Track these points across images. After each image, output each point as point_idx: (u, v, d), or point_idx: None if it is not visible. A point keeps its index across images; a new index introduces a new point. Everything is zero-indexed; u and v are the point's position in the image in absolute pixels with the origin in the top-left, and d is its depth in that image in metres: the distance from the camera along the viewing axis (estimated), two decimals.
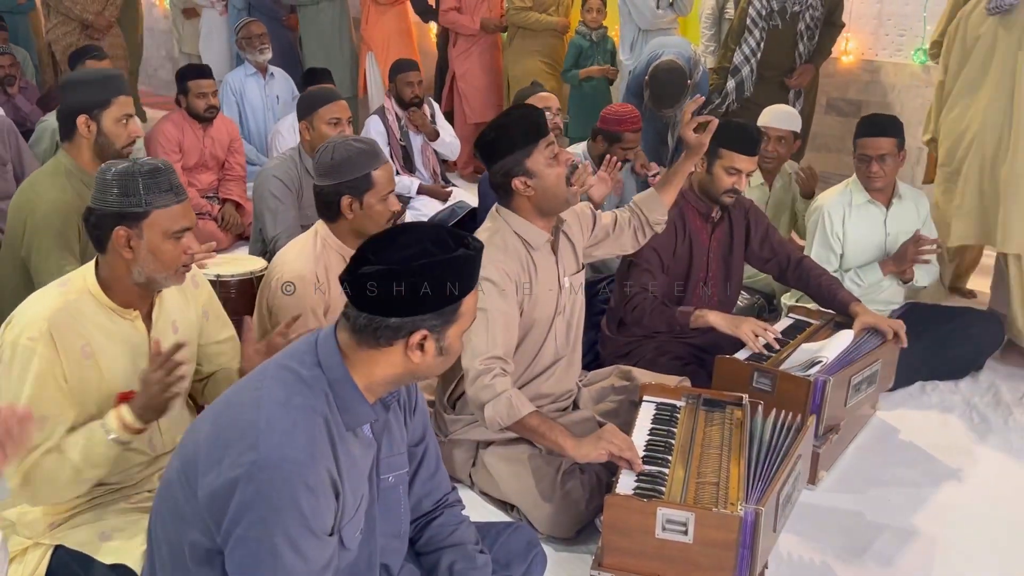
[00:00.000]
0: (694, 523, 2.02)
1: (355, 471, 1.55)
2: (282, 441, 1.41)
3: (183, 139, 4.67)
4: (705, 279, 3.28)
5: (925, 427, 3.25)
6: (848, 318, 3.15)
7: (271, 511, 1.38)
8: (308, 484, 1.41)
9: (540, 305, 2.55)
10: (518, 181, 2.45)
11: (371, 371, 1.53)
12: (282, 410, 1.45)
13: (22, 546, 2.06)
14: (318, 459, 1.43)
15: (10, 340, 1.93)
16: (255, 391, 1.50)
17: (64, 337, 1.93)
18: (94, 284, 2.01)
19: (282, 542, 1.39)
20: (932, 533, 2.62)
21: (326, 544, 1.46)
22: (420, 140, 5.36)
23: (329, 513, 1.47)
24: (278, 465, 1.39)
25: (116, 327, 2.03)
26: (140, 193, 1.94)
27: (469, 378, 2.37)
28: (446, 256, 1.48)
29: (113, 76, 2.76)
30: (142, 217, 1.95)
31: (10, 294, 2.76)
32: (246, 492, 1.39)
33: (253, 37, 5.70)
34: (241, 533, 1.40)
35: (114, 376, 2.03)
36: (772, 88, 4.84)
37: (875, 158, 3.43)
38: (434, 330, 1.51)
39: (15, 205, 2.69)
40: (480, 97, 6.52)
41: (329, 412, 1.49)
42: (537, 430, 2.33)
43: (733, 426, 2.42)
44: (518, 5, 6.10)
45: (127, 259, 1.98)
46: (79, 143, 2.68)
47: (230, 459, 1.42)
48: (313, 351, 1.53)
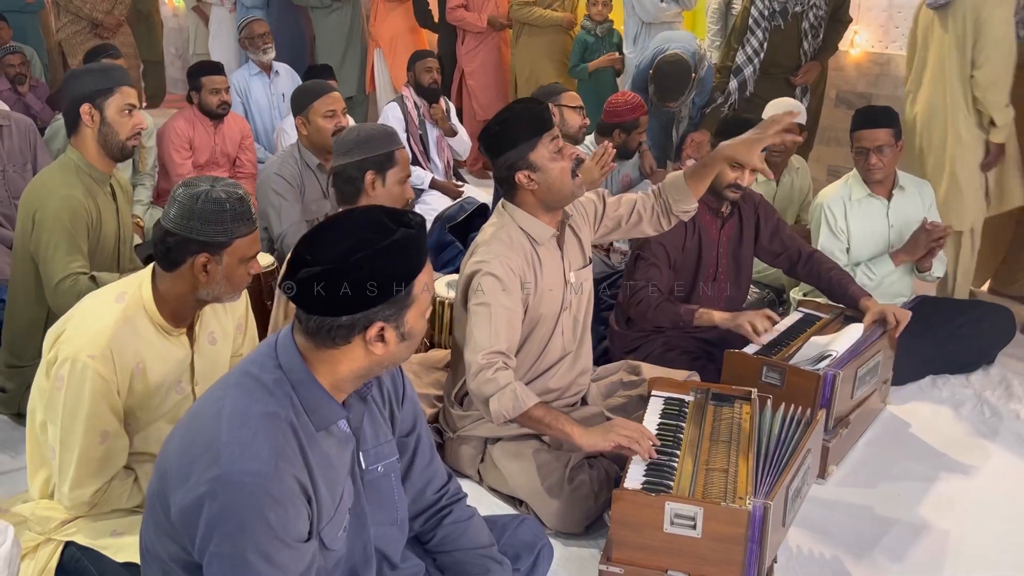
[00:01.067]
0: (702, 517, 2.02)
1: (331, 470, 1.53)
2: (244, 454, 1.39)
3: (194, 136, 4.68)
4: (715, 274, 3.28)
5: (936, 421, 3.24)
6: (859, 312, 3.14)
7: (238, 527, 1.37)
8: (273, 496, 1.38)
9: (545, 301, 2.54)
10: (522, 175, 2.45)
11: (334, 370, 1.50)
12: (242, 420, 1.42)
13: (34, 542, 2.08)
14: (282, 468, 1.40)
15: (70, 355, 1.96)
16: (218, 402, 1.47)
17: (122, 355, 1.98)
18: (150, 300, 2.04)
19: (254, 557, 1.37)
20: (943, 527, 2.61)
21: (301, 551, 1.44)
22: (437, 131, 5.37)
23: (300, 520, 1.44)
24: (240, 480, 1.37)
25: (164, 344, 2.08)
26: (228, 224, 1.97)
27: (471, 373, 2.35)
28: (386, 242, 1.42)
29: (115, 67, 2.77)
30: (226, 246, 1.98)
31: (22, 291, 2.78)
32: (212, 509, 1.38)
33: (256, 37, 5.69)
34: (214, 550, 1.38)
35: (159, 389, 2.08)
36: (778, 85, 4.80)
37: (873, 150, 3.43)
38: (390, 319, 1.47)
39: (24, 201, 2.70)
40: (489, 94, 6.52)
41: (295, 416, 1.46)
42: (543, 420, 2.31)
43: (742, 420, 2.41)
44: (520, 1, 6.08)
45: (200, 281, 2.01)
46: (84, 135, 2.68)
47: (195, 476, 1.40)
48: (273, 354, 1.50)
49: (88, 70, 2.71)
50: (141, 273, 2.09)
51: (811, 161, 5.47)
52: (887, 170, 3.49)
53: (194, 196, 1.96)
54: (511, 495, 2.60)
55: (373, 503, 1.67)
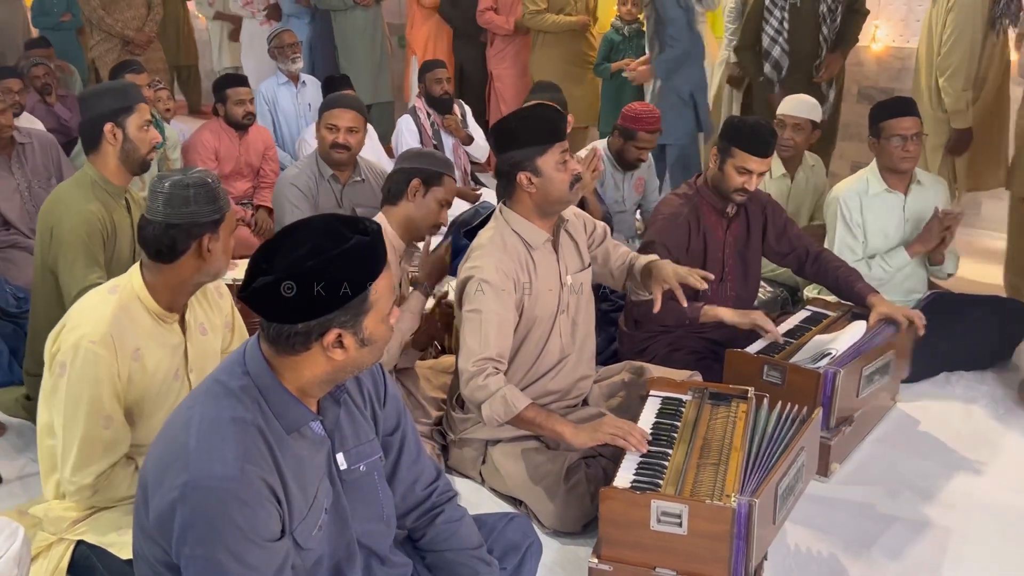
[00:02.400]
0: (688, 515, 2.05)
1: (303, 471, 1.58)
2: (211, 458, 1.45)
3: (219, 147, 4.80)
4: (722, 274, 3.29)
5: (947, 418, 3.21)
6: (866, 310, 3.14)
7: (208, 529, 1.43)
8: (240, 498, 1.44)
9: (541, 303, 2.59)
10: (523, 176, 2.49)
11: (298, 375, 1.54)
12: (211, 427, 1.48)
13: (47, 542, 2.18)
14: (249, 471, 1.46)
15: (72, 343, 2.06)
16: (188, 410, 1.54)
17: (121, 341, 2.08)
18: (142, 288, 2.14)
19: (225, 557, 1.44)
20: (945, 525, 2.60)
21: (272, 550, 1.49)
22: (452, 140, 5.44)
23: (271, 520, 1.49)
24: (208, 485, 1.44)
25: (159, 331, 2.17)
26: (220, 199, 2.12)
27: (463, 380, 2.43)
28: (339, 249, 1.45)
29: (131, 85, 2.89)
30: (221, 221, 2.13)
31: (43, 302, 2.89)
32: (184, 513, 1.44)
33: (285, 47, 5.81)
34: (188, 552, 1.45)
35: (157, 377, 2.17)
36: (801, 78, 4.75)
37: (909, 138, 3.41)
38: (346, 326, 1.50)
39: (43, 216, 2.81)
40: (517, 97, 6.55)
41: (263, 420, 1.52)
42: (534, 421, 2.38)
43: (737, 419, 2.43)
44: (532, 9, 6.10)
45: (205, 261, 2.13)
46: (105, 152, 2.78)
47: (168, 482, 1.47)
48: (242, 362, 1.56)
49: (105, 90, 2.81)
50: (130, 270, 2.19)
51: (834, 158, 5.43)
52: (917, 160, 3.50)
53: (183, 184, 2.08)
54: (510, 495, 2.65)
55: (357, 501, 1.72)
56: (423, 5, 6.85)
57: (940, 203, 3.58)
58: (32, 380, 3.02)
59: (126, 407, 2.14)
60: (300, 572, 1.59)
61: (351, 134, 3.62)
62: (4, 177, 4.02)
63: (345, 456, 1.69)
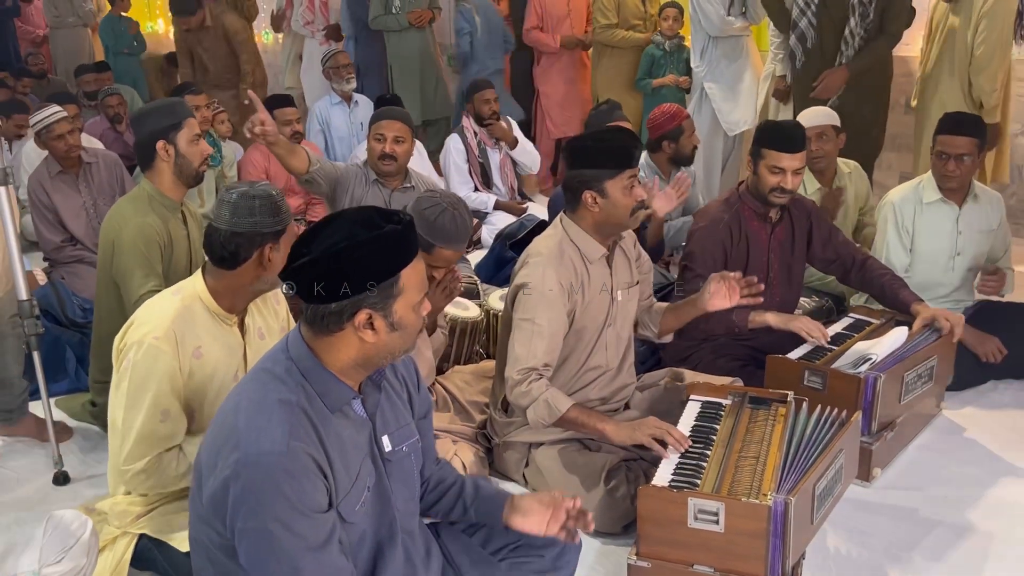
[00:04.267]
0: (724, 513, 2.09)
1: (346, 450, 1.67)
2: (259, 437, 1.55)
3: (269, 166, 4.96)
4: (767, 279, 3.31)
5: (992, 425, 3.20)
6: (911, 317, 3.14)
7: (259, 502, 1.54)
8: (288, 471, 1.54)
9: (591, 313, 2.66)
10: (589, 195, 2.57)
11: (336, 357, 1.64)
12: (258, 408, 1.59)
13: (112, 535, 2.30)
14: (296, 447, 1.55)
15: (136, 339, 2.21)
16: (236, 396, 1.66)
17: (183, 338, 2.22)
18: (204, 291, 2.29)
19: (275, 527, 1.54)
20: (988, 530, 2.60)
21: (320, 521, 1.59)
22: (498, 157, 5.55)
23: (318, 493, 1.58)
24: (257, 460, 1.54)
25: (220, 332, 2.31)
26: (283, 213, 2.25)
27: (508, 387, 2.54)
28: (371, 235, 1.56)
29: (178, 102, 3.04)
30: (283, 232, 2.26)
31: (106, 312, 3.03)
32: (236, 489, 1.55)
33: (340, 68, 5.99)
34: (241, 526, 1.56)
35: (216, 376, 2.30)
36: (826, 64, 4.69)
37: (954, 157, 3.40)
38: (376, 307, 1.59)
39: (104, 231, 2.97)
40: (563, 113, 6.66)
41: (307, 401, 1.62)
42: (577, 420, 2.48)
43: (776, 422, 2.47)
44: (603, 23, 6.15)
45: (265, 269, 2.26)
46: (160, 168, 2.93)
47: (221, 462, 1.58)
48: (285, 349, 1.67)
49: (155, 109, 2.96)
50: (194, 274, 2.33)
51: (882, 168, 5.41)
52: (963, 179, 3.46)
53: (250, 196, 2.22)
54: None
55: (398, 482, 1.82)
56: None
57: (995, 219, 3.56)
58: (97, 386, 3.17)
59: (184, 402, 2.26)
60: (345, 548, 1.67)
61: (397, 144, 3.72)
62: (71, 195, 4.23)
63: (389, 438, 1.79)
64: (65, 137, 4.17)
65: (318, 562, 1.58)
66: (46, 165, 4.26)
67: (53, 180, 4.22)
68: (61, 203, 4.21)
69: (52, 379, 3.43)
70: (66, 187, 4.24)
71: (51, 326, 3.66)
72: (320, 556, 1.58)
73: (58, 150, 4.20)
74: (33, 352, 2.98)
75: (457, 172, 5.44)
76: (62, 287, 3.98)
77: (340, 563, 1.62)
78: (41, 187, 4.21)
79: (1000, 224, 3.59)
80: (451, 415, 2.99)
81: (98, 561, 2.19)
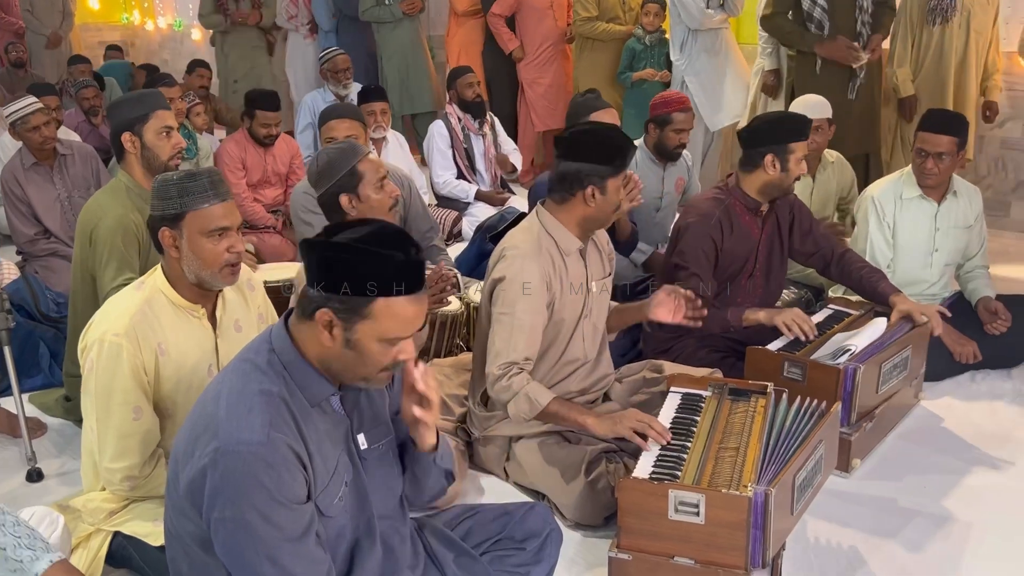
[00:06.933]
0: (704, 504, 2.09)
1: (325, 444, 1.66)
2: (239, 426, 1.54)
3: (246, 157, 4.90)
4: (752, 271, 3.31)
5: (971, 415, 3.22)
6: (889, 309, 3.15)
7: (237, 491, 1.53)
8: (267, 461, 1.53)
9: (568, 305, 2.64)
10: (591, 189, 2.54)
11: (311, 348, 1.63)
12: (238, 398, 1.58)
13: (86, 532, 2.27)
14: (275, 437, 1.55)
15: (96, 338, 2.16)
16: (218, 385, 1.64)
17: (144, 334, 2.17)
18: (164, 282, 2.23)
19: (253, 516, 1.53)
20: (967, 519, 2.61)
21: (298, 512, 1.58)
22: (483, 144, 5.53)
23: (297, 484, 1.58)
24: (236, 449, 1.53)
25: (186, 325, 2.24)
26: (175, 196, 2.15)
27: (489, 382, 2.53)
28: (372, 248, 1.54)
29: (150, 93, 2.99)
30: (179, 218, 2.15)
31: (82, 305, 2.99)
32: (214, 478, 1.54)
33: (339, 71, 5.91)
34: (218, 515, 1.55)
35: (184, 371, 2.24)
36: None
37: (933, 155, 3.39)
38: (339, 315, 1.57)
39: (81, 222, 2.93)
40: (546, 106, 6.64)
41: (288, 393, 1.61)
42: (559, 413, 2.47)
43: (756, 413, 2.46)
44: (583, 16, 6.16)
45: (175, 258, 2.19)
46: (130, 160, 2.90)
47: (199, 451, 1.57)
48: (268, 340, 1.66)
49: (126, 100, 2.93)
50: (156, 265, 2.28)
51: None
52: (941, 177, 3.46)
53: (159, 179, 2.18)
54: (534, 489, 2.70)
55: (377, 478, 1.80)
56: (456, 12, 6.96)
57: (972, 216, 3.57)
58: (71, 381, 3.13)
59: (157, 401, 2.22)
60: (322, 541, 1.65)
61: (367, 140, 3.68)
62: (46, 187, 4.17)
63: (365, 436, 1.77)
64: (40, 129, 4.11)
65: (296, 553, 1.56)
66: (20, 157, 4.20)
67: (27, 172, 4.17)
68: (35, 195, 4.16)
69: (26, 374, 3.39)
70: (40, 179, 4.18)
71: (24, 321, 3.60)
72: (298, 547, 1.57)
73: (33, 142, 4.14)
74: (3, 347, 2.94)
75: (440, 157, 5.42)
76: (36, 281, 3.92)
77: (318, 555, 1.61)
78: (15, 179, 4.16)
79: (977, 219, 3.60)
80: None
81: (71, 559, 2.15)
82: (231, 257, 2.19)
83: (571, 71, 6.66)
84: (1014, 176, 5.46)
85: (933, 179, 3.44)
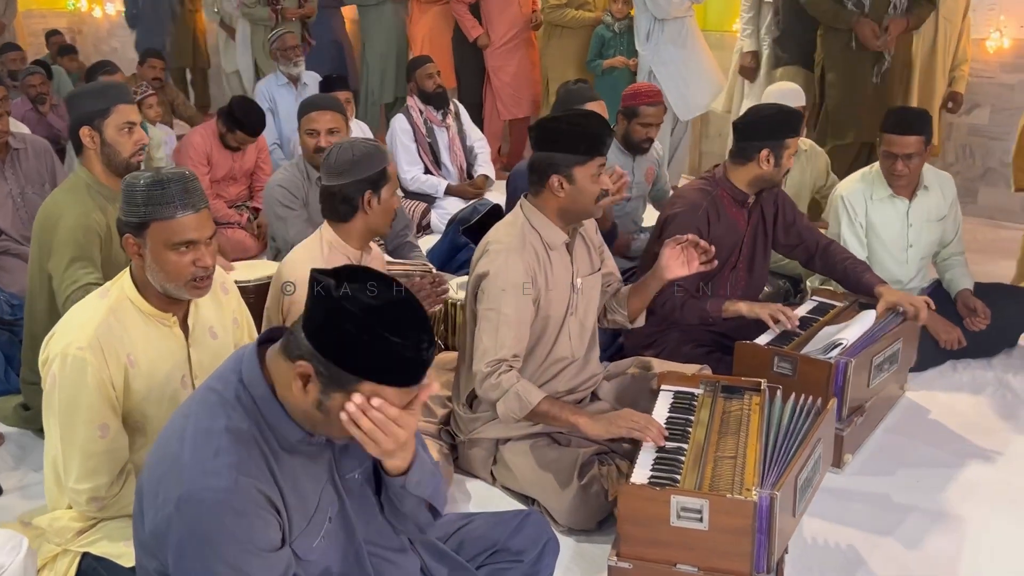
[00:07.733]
0: (709, 510, 2.01)
1: (302, 481, 1.52)
2: (204, 471, 1.41)
3: (211, 152, 4.73)
4: (736, 263, 3.25)
5: (956, 406, 3.20)
6: (874, 300, 3.11)
7: (205, 543, 1.40)
8: (235, 509, 1.40)
9: (553, 303, 2.56)
10: (556, 179, 2.46)
11: (283, 388, 1.47)
12: (204, 438, 1.44)
13: (52, 553, 2.12)
14: (243, 482, 1.41)
15: (59, 351, 1.99)
16: (183, 419, 1.49)
17: (110, 346, 2.00)
18: (131, 289, 2.06)
19: (223, 569, 1.40)
20: (962, 513, 2.58)
21: (272, 560, 1.45)
22: (446, 136, 5.39)
23: (270, 530, 1.45)
24: (202, 497, 1.40)
25: (156, 334, 2.09)
26: (139, 204, 1.98)
27: (477, 381, 2.42)
28: (374, 329, 1.36)
29: (112, 86, 2.82)
30: (143, 227, 1.99)
31: (39, 309, 2.83)
32: (179, 528, 1.41)
33: (287, 49, 5.72)
34: (186, 566, 1.42)
35: (156, 382, 2.09)
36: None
37: (901, 156, 3.33)
38: (320, 376, 1.40)
39: (39, 221, 2.76)
40: (512, 94, 6.52)
41: (258, 431, 1.46)
42: (549, 413, 2.38)
43: (751, 412, 2.40)
44: (553, 3, 6.07)
45: (139, 266, 2.04)
46: (89, 156, 2.74)
47: (163, 494, 1.43)
48: (237, 369, 1.50)
49: (85, 92, 2.76)
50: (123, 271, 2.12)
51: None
52: (912, 177, 3.41)
53: (127, 181, 2.01)
54: (523, 494, 2.61)
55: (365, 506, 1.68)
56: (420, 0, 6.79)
57: (945, 206, 3.53)
58: (29, 388, 2.97)
59: (127, 414, 2.08)
60: None
61: (332, 135, 3.50)
62: None
63: (347, 462, 1.64)
64: None
65: None
66: None
67: None
68: None
69: None
70: None
71: None
72: None
73: None
74: None
75: (404, 152, 5.25)
76: None
77: None
78: None
79: (951, 207, 3.57)
80: None
81: None
82: (197, 271, 2.01)
83: (537, 59, 6.56)
84: (982, 163, 5.48)
85: (904, 179, 3.40)
